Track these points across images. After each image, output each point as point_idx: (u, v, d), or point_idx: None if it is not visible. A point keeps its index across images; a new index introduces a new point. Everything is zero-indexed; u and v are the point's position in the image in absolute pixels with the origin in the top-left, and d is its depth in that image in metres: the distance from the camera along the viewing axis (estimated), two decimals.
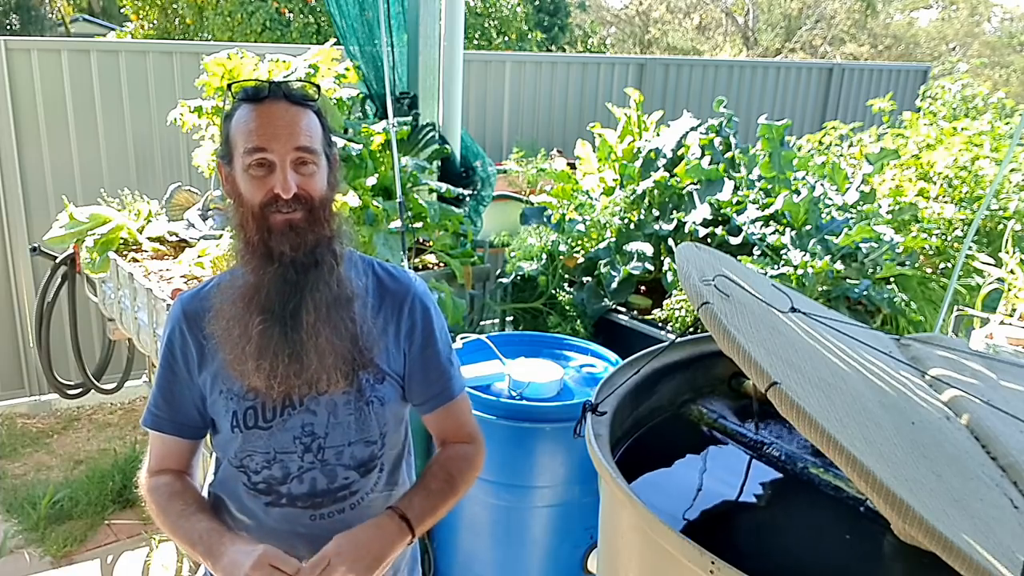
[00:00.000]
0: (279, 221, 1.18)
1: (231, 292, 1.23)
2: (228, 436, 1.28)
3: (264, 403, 1.25)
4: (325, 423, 1.27)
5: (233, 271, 1.27)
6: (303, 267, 1.20)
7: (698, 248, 1.49)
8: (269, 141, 1.16)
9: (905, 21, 23.19)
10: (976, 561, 0.84)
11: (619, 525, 1.26)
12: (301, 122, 1.19)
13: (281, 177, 1.16)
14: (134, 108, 4.26)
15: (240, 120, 1.19)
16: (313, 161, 1.20)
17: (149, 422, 1.33)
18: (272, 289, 1.19)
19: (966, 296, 2.89)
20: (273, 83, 1.20)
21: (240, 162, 1.19)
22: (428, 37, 3.08)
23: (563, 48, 14.22)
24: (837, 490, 1.35)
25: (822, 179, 3.17)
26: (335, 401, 1.27)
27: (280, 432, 1.26)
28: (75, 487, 3.43)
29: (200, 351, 1.28)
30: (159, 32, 10.71)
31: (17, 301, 4.20)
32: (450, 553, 2.43)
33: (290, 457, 1.27)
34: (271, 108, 1.18)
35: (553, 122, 5.94)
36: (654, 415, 1.58)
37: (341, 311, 1.23)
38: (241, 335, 1.20)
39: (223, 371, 1.26)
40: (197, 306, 1.29)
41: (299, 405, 1.26)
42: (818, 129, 4.90)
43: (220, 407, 1.28)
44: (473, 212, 3.08)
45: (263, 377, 1.21)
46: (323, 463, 1.28)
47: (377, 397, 1.30)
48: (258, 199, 1.17)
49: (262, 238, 1.19)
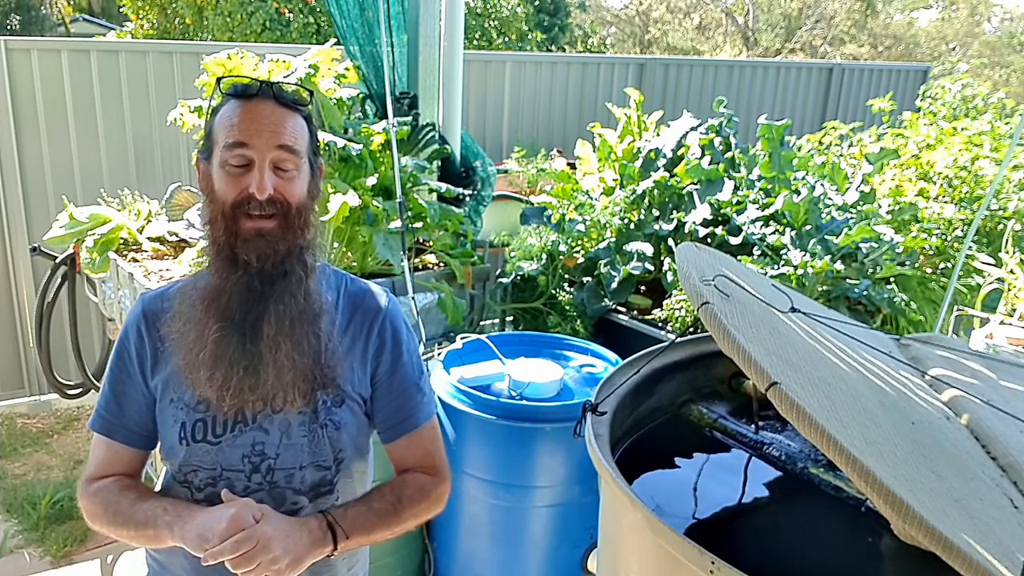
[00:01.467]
0: (248, 227, 1.11)
1: (192, 294, 1.17)
2: (175, 448, 1.20)
3: (215, 416, 1.18)
4: (277, 443, 1.20)
5: (199, 274, 1.21)
6: (270, 278, 1.13)
7: (698, 248, 1.49)
8: (250, 137, 1.11)
9: (905, 21, 23.20)
10: (976, 561, 0.84)
11: (619, 525, 1.26)
12: (287, 123, 1.14)
13: (258, 176, 1.10)
14: (134, 108, 4.26)
15: (224, 115, 1.14)
16: (294, 164, 1.14)
17: (97, 425, 1.24)
18: (234, 296, 1.13)
19: (966, 296, 2.89)
20: (264, 82, 1.15)
21: (218, 157, 1.13)
22: (428, 37, 3.07)
23: (563, 48, 14.22)
24: (837, 490, 1.35)
25: (822, 179, 3.17)
26: (289, 421, 1.19)
27: (229, 448, 1.19)
28: (75, 487, 3.42)
29: (154, 354, 1.21)
30: (159, 32, 10.71)
31: (17, 301, 4.20)
32: (450, 553, 2.43)
33: (236, 476, 1.19)
34: (258, 106, 1.13)
35: (553, 122, 5.94)
36: (654, 415, 1.58)
37: (306, 325, 1.16)
38: (196, 340, 1.14)
39: (175, 377, 1.19)
40: (158, 306, 1.23)
41: (251, 422, 1.19)
42: (818, 129, 4.90)
43: (168, 416, 1.20)
44: (473, 212, 3.08)
45: (215, 388, 1.14)
46: (271, 485, 1.20)
47: (332, 421, 1.22)
48: (231, 197, 1.11)
49: (228, 241, 1.12)
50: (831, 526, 1.34)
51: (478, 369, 2.35)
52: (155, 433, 1.25)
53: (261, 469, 1.20)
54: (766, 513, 1.42)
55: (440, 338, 2.71)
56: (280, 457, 1.20)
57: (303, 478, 1.22)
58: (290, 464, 1.21)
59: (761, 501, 1.43)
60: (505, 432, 2.14)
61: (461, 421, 2.19)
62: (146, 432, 1.24)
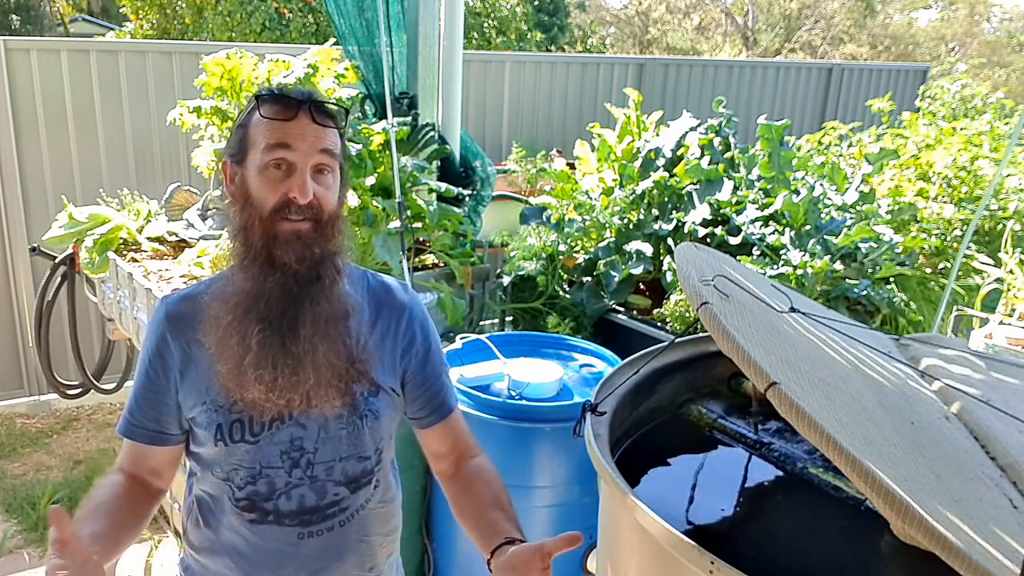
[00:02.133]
0: (286, 229, 1.13)
1: (225, 300, 1.17)
2: (210, 450, 1.21)
3: (252, 416, 1.19)
4: (315, 437, 1.21)
5: (225, 275, 1.21)
6: (305, 280, 1.15)
7: (697, 248, 1.49)
8: (294, 140, 1.12)
9: (904, 21, 23.21)
10: (976, 561, 0.84)
11: (618, 525, 1.26)
12: (327, 129, 1.15)
13: (300, 180, 1.11)
14: (133, 108, 4.26)
15: (262, 119, 1.14)
16: (332, 170, 1.16)
17: (125, 430, 1.24)
18: (272, 299, 1.14)
19: (965, 296, 2.89)
20: (303, 101, 1.14)
21: (257, 160, 1.13)
22: (428, 37, 3.07)
23: (563, 48, 14.22)
24: (837, 490, 1.35)
25: (821, 179, 3.17)
26: (326, 416, 1.21)
27: (267, 446, 1.20)
28: (75, 487, 3.44)
29: (184, 357, 1.21)
30: (158, 32, 10.70)
31: (17, 301, 4.19)
32: (450, 553, 2.43)
33: (276, 472, 1.21)
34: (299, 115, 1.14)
35: (553, 122, 5.94)
36: (654, 415, 1.58)
37: (339, 326, 1.19)
38: (239, 344, 1.14)
39: (208, 381, 1.19)
40: (183, 309, 1.23)
41: (288, 419, 1.20)
42: (817, 129, 4.90)
43: (202, 419, 1.20)
44: (473, 212, 3.08)
45: (263, 389, 1.15)
46: (312, 479, 1.22)
47: (371, 411, 1.25)
48: (271, 203, 1.12)
49: (266, 244, 1.13)
50: (830, 526, 1.34)
51: (478, 369, 2.35)
52: (183, 433, 1.25)
53: (300, 464, 1.21)
54: (765, 513, 1.42)
55: (440, 338, 2.71)
56: (319, 451, 1.22)
57: (343, 470, 1.24)
58: (329, 457, 1.23)
59: (760, 501, 1.43)
60: (505, 432, 2.14)
61: None
62: (173, 432, 1.25)
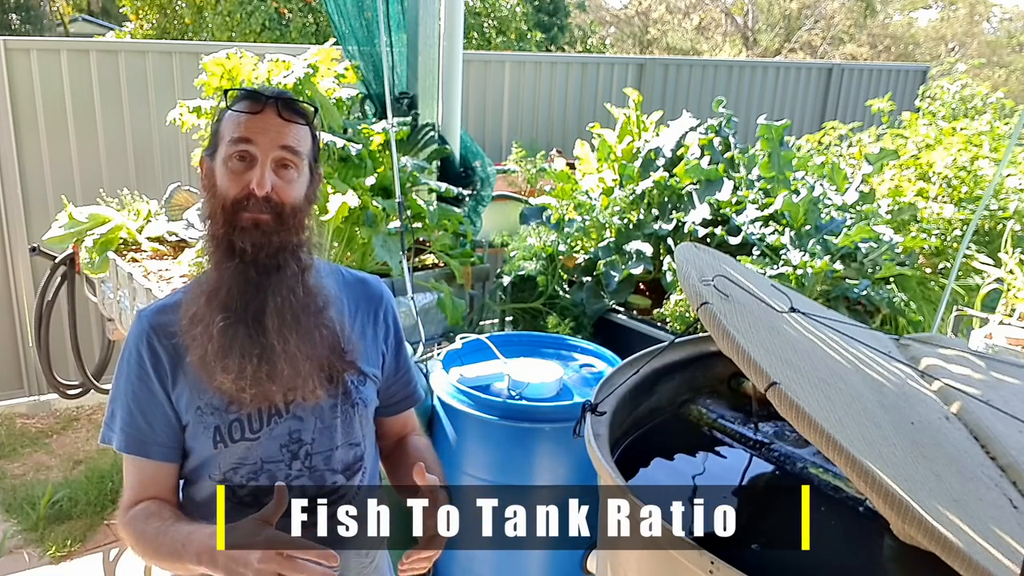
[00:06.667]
0: (246, 218, 1.15)
1: (196, 290, 1.20)
2: (209, 453, 1.21)
3: (249, 414, 1.20)
4: (312, 428, 1.24)
5: (200, 277, 1.23)
6: (263, 269, 1.16)
7: (697, 248, 1.49)
8: (256, 134, 1.15)
9: (904, 21, 23.21)
10: (976, 561, 0.84)
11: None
12: (292, 126, 1.18)
13: (259, 173, 1.14)
14: (133, 108, 4.26)
15: (232, 115, 1.18)
16: (295, 165, 1.18)
17: (124, 445, 1.20)
18: (234, 287, 1.16)
19: (965, 296, 2.89)
20: (270, 97, 1.18)
21: (223, 152, 1.17)
22: (427, 37, 3.07)
23: (562, 48, 14.22)
24: (837, 490, 1.35)
25: (821, 179, 3.17)
26: (322, 406, 1.24)
27: (267, 441, 1.22)
28: (74, 487, 3.43)
29: (172, 366, 1.21)
30: (158, 32, 10.70)
31: (16, 301, 4.19)
32: (449, 553, 2.43)
33: (277, 466, 1.23)
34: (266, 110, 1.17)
35: (553, 122, 5.94)
36: (653, 415, 1.58)
37: (311, 319, 1.20)
38: (202, 333, 1.16)
39: (197, 384, 1.19)
40: (163, 319, 1.22)
41: (285, 413, 1.22)
42: (817, 129, 4.90)
43: (198, 425, 1.20)
44: (472, 212, 3.07)
45: (230, 379, 1.15)
46: (311, 469, 1.24)
47: (362, 399, 1.29)
48: (232, 193, 1.15)
49: (227, 233, 1.16)
50: (830, 526, 1.34)
51: (478, 369, 2.35)
52: (181, 444, 1.24)
53: (300, 456, 1.24)
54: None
55: (440, 338, 2.71)
56: (316, 441, 1.25)
57: (340, 458, 1.28)
58: (326, 447, 1.26)
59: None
60: (505, 432, 2.14)
61: (461, 421, 2.19)
62: (175, 444, 1.23)
